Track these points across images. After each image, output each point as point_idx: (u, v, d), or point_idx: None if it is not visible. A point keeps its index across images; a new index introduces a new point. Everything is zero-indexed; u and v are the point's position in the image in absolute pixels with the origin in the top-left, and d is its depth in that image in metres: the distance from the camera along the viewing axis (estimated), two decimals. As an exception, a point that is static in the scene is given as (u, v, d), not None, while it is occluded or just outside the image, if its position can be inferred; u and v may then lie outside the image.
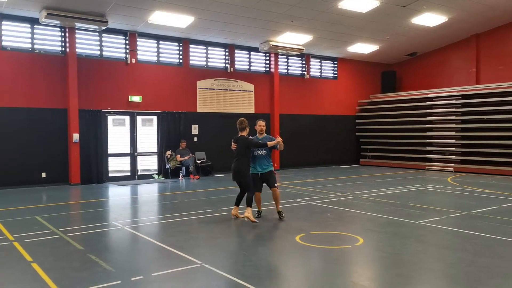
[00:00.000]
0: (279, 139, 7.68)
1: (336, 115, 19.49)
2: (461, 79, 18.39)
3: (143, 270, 5.09)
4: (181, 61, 15.56)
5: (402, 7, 14.18)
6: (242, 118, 7.96)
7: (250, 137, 7.85)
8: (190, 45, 15.71)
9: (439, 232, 7.01)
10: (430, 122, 17.80)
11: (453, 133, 17.01)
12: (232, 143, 7.85)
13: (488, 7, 15.05)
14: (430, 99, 17.87)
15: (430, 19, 15.46)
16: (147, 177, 14.77)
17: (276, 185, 7.92)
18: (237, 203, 7.96)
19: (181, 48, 15.53)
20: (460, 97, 16.88)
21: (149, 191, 12.21)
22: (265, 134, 8.12)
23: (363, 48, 18.24)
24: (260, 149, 7.79)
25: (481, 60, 18.02)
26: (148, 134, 15.06)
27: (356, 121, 20.26)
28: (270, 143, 7.67)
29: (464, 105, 16.77)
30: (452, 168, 16.59)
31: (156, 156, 15.09)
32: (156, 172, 15.03)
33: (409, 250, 5.91)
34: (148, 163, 15.08)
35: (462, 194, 11.03)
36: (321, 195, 10.75)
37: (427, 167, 17.41)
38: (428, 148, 17.74)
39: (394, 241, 6.42)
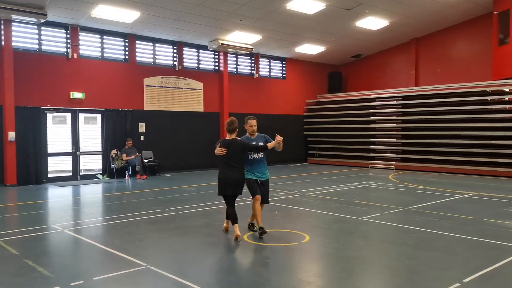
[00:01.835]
0: (279, 138, 6.55)
1: (284, 115, 19.74)
2: (402, 80, 19.27)
3: (83, 274, 4.86)
4: (127, 57, 15.09)
5: (347, 10, 14.61)
6: (233, 118, 6.61)
7: (239, 139, 6.59)
8: (137, 41, 15.28)
9: (381, 227, 7.28)
10: (373, 122, 18.50)
11: (394, 132, 17.78)
12: (218, 148, 6.38)
13: (427, 13, 15.86)
14: (373, 99, 18.56)
15: (373, 22, 16.05)
16: (90, 177, 14.19)
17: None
18: (236, 220, 6.46)
19: (127, 44, 15.07)
20: (401, 98, 17.67)
21: (93, 192, 11.74)
22: (257, 134, 6.86)
23: (311, 49, 18.61)
24: (257, 152, 6.61)
25: (420, 63, 18.98)
26: (92, 133, 14.46)
27: (304, 120, 20.64)
28: (270, 144, 6.54)
29: (404, 106, 17.57)
30: (393, 166, 17.33)
31: (101, 155, 14.54)
32: (101, 172, 14.48)
33: (353, 246, 6.08)
34: (92, 163, 14.48)
35: (402, 190, 11.55)
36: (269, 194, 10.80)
37: (370, 165, 18.07)
38: (371, 146, 18.41)
39: (339, 237, 6.58)
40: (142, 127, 15.34)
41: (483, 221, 7.51)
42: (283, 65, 20.02)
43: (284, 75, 20.08)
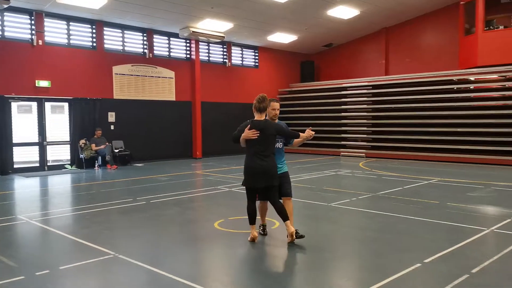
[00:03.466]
0: (312, 132, 5.65)
1: (257, 103, 19.72)
2: (372, 70, 19.57)
3: (49, 264, 4.79)
4: (94, 44, 14.73)
5: (319, -2, 14.68)
6: (264, 94, 5.54)
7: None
8: (105, 28, 14.92)
9: (349, 212, 7.45)
10: (345, 110, 18.76)
11: (365, 121, 18.10)
12: (248, 129, 5.28)
13: (396, 2, 16.11)
14: (345, 88, 18.80)
15: (344, 11, 16.19)
16: (58, 168, 13.87)
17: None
18: (254, 221, 5.55)
19: (94, 31, 14.69)
20: (371, 87, 17.97)
21: (61, 182, 11.51)
22: (277, 120, 5.74)
23: (283, 37, 18.63)
24: (279, 140, 5.66)
25: (390, 52, 19.32)
26: (59, 122, 14.10)
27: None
28: (304, 135, 5.62)
29: (374, 95, 17.88)
30: (364, 154, 17.66)
31: (69, 145, 14.22)
32: (69, 163, 14.18)
33: (322, 231, 6.21)
34: (60, 153, 14.15)
35: (371, 177, 11.81)
36: (241, 182, 10.85)
37: (342, 153, 18.35)
38: (342, 135, 18.69)
39: (308, 223, 6.69)
40: (112, 116, 15.07)
41: (446, 205, 7.78)
42: (256, 54, 19.98)
43: (257, 64, 20.06)
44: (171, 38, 16.80)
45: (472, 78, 15.70)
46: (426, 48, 18.29)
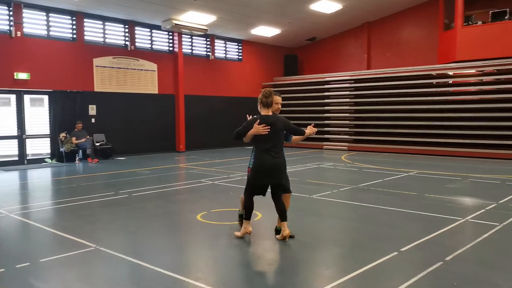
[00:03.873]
0: (314, 129, 5.75)
1: (241, 97, 19.73)
2: (355, 64, 19.75)
3: (30, 256, 4.77)
4: (74, 36, 14.50)
5: (301, -8, 14.73)
6: (270, 89, 5.37)
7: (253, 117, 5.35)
8: (85, 20, 14.69)
9: (330, 204, 7.57)
10: (327, 104, 18.92)
11: (347, 114, 18.30)
12: (258, 124, 5.08)
13: (378, -3, 16.28)
14: (327, 82, 18.95)
15: (326, 6, 16.28)
16: (38, 162, 13.68)
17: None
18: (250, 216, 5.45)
19: (74, 22, 14.46)
20: (353, 81, 18.15)
21: (41, 176, 11.37)
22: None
23: (266, 31, 18.65)
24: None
25: (372, 47, 19.52)
26: (39, 115, 13.90)
27: (260, 102, 20.76)
28: (307, 132, 5.71)
29: (356, 89, 18.07)
30: (346, 147, 17.88)
31: (49, 138, 14.03)
32: (49, 156, 13.99)
33: (303, 222, 6.31)
34: (40, 147, 13.94)
35: (353, 170, 11.99)
36: (225, 175, 10.92)
37: (324, 146, 18.53)
38: (325, 128, 18.85)
39: (290, 214, 6.74)
40: (93, 109, 14.90)
41: (424, 196, 7.98)
42: (239, 47, 19.95)
43: (241, 57, 20.04)
44: (153, 31, 16.65)
45: (450, 72, 16.00)
46: (406, 42, 18.54)
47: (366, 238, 5.49)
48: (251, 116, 5.35)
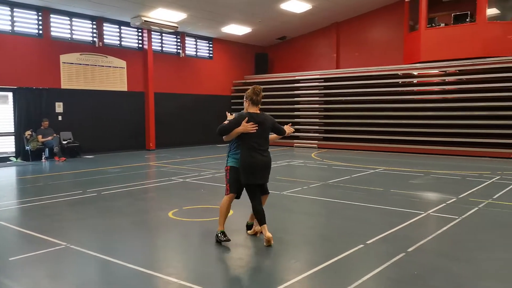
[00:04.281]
0: (291, 129, 5.67)
1: (212, 95, 19.75)
2: (324, 63, 20.11)
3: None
4: (40, 32, 14.15)
5: (272, -8, 14.89)
6: (260, 86, 5.20)
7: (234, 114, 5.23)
8: (52, 15, 14.35)
9: (300, 200, 7.76)
10: (297, 102, 19.19)
11: (317, 113, 18.62)
12: (246, 122, 4.94)
13: (346, -2, 16.64)
14: (297, 81, 19.21)
15: (296, 5, 16.51)
16: (2, 160, 13.28)
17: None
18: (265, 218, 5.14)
19: (40, 18, 14.10)
20: (323, 80, 18.48)
21: (5, 175, 11.05)
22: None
23: (237, 29, 18.72)
24: None
25: (341, 47, 19.92)
26: (3, 112, 13.50)
27: (232, 101, 20.82)
28: (287, 132, 5.52)
29: (326, 87, 18.41)
30: (316, 145, 18.20)
31: (13, 137, 13.64)
32: (14, 155, 13.61)
33: (274, 217, 6.42)
34: (3, 145, 13.54)
35: (322, 167, 12.26)
36: (196, 172, 10.95)
37: (295, 144, 18.80)
38: (296, 126, 19.03)
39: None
40: (59, 107, 14.57)
41: (389, 192, 8.28)
42: (210, 45, 19.94)
43: (211, 55, 20.03)
44: (122, 27, 16.43)
45: (415, 72, 16.54)
46: (374, 43, 19.03)
47: (334, 232, 5.69)
48: (232, 114, 5.25)
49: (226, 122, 5.04)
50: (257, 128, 4.97)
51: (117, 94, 16.17)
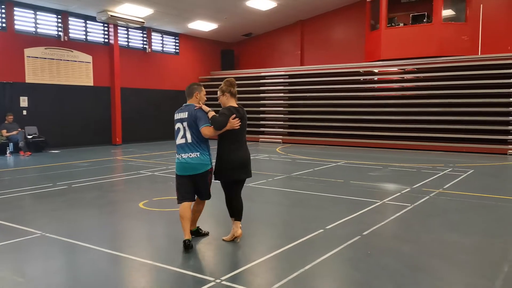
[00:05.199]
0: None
1: (178, 90, 19.81)
2: (289, 60, 20.63)
3: (-26, 245, 4.86)
4: (4, 25, 13.90)
5: (238, -11, 15.19)
6: (232, 78, 5.16)
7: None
8: (15, 8, 14.12)
9: (265, 191, 8.16)
10: (263, 98, 19.61)
11: (282, 108, 19.11)
12: (233, 117, 4.81)
13: (310, -3, 17.16)
14: (263, 77, 19.63)
15: (262, 3, 16.91)
16: (-36, 155, 13.04)
17: None
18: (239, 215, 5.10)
19: (3, 11, 13.85)
20: (288, 77, 18.98)
21: (-31, 170, 10.91)
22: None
23: (203, 25, 18.91)
24: None
25: (305, 44, 20.50)
26: (-35, 107, 13.23)
27: (198, 96, 20.99)
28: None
29: (290, 84, 18.92)
30: (280, 140, 18.70)
31: (-24, 131, 13.40)
32: (-23, 150, 13.37)
33: (240, 207, 6.81)
34: (-34, 139, 13.29)
35: (286, 161, 12.73)
36: (164, 166, 11.16)
37: (260, 139, 19.22)
38: (261, 122, 19.54)
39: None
40: (24, 101, 14.38)
41: (349, 183, 8.83)
42: (176, 41, 20.03)
43: (178, 51, 20.13)
44: (88, 22, 16.31)
45: (376, 70, 17.31)
46: (337, 40, 19.71)
47: (295, 219, 6.13)
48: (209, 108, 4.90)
49: (211, 115, 4.76)
50: (240, 123, 4.83)
51: (83, 89, 16.07)
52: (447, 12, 17.14)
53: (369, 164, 11.71)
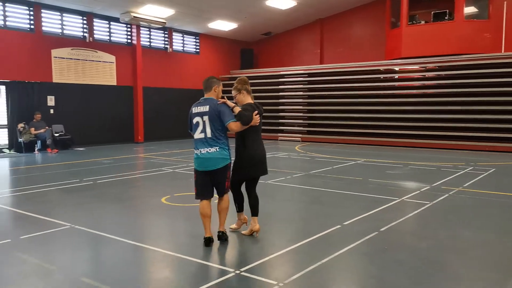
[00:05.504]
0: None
1: (199, 89, 19.99)
2: (308, 58, 20.68)
3: (9, 234, 5.16)
4: (32, 27, 14.40)
5: (258, -11, 15.34)
6: (244, 77, 5.29)
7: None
8: (42, 10, 14.61)
9: (284, 188, 8.30)
10: (282, 97, 19.73)
11: (301, 107, 19.19)
12: (255, 113, 4.92)
13: (329, -4, 17.18)
14: (282, 76, 19.74)
15: (281, 2, 17.01)
16: (-5, 152, 13.60)
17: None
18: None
19: (32, 13, 14.34)
20: (307, 75, 19.04)
21: (0, 166, 11.38)
22: None
23: (223, 25, 19.13)
24: None
25: (325, 42, 20.50)
26: (-5, 106, 13.80)
27: (218, 95, 21.23)
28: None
29: (310, 82, 18.98)
30: (300, 138, 18.78)
31: (6, 129, 13.93)
32: (7, 147, 13.89)
33: (260, 204, 6.96)
34: (-3, 137, 13.86)
35: (305, 159, 12.83)
36: (184, 163, 11.41)
37: (279, 137, 19.35)
38: (280, 120, 19.66)
39: (247, 198, 7.43)
40: (51, 100, 14.88)
41: (367, 181, 8.88)
42: (197, 40, 20.32)
43: (198, 50, 20.42)
44: (111, 23, 16.73)
45: (396, 68, 17.21)
46: (357, 39, 19.65)
47: (313, 215, 6.25)
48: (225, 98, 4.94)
49: (237, 110, 4.80)
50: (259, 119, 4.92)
51: (106, 88, 16.50)
52: (469, 9, 16.91)
53: (388, 163, 11.71)
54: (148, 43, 18.20)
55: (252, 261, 4.39)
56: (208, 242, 4.79)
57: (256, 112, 4.90)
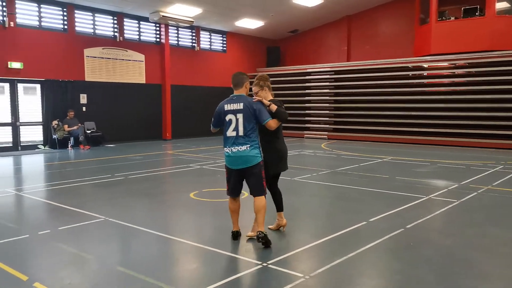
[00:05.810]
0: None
1: (225, 87, 20.32)
2: (335, 56, 20.58)
3: (48, 225, 5.46)
4: (66, 27, 14.92)
5: (285, -13, 15.39)
6: (264, 74, 5.33)
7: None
8: (76, 11, 15.11)
9: (310, 185, 8.38)
10: (308, 94, 19.73)
11: (327, 104, 19.14)
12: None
13: (357, -7, 17.04)
14: (308, 73, 19.74)
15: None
16: (31, 148, 14.16)
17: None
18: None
19: (65, 14, 14.86)
20: (333, 73, 18.98)
21: (36, 161, 11.90)
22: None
23: (250, 23, 19.27)
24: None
25: (351, 40, 20.35)
26: (32, 103, 14.35)
27: (244, 93, 21.41)
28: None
29: (336, 80, 18.90)
30: (326, 136, 18.75)
31: (41, 126, 14.50)
32: (42, 143, 14.48)
33: (285, 199, 7.05)
34: (33, 134, 14.41)
35: (331, 156, 12.85)
36: (212, 160, 11.63)
37: (305, 135, 19.37)
38: (306, 118, 19.68)
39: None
40: (83, 98, 15.39)
41: (394, 179, 8.86)
42: (224, 39, 20.54)
43: (225, 49, 20.63)
44: (141, 22, 17.12)
45: (425, 65, 16.94)
46: (384, 36, 19.42)
47: (339, 211, 6.32)
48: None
49: (274, 108, 4.78)
50: None
51: (136, 87, 16.92)
52: (501, 5, 16.47)
53: (416, 161, 11.60)
54: (176, 42, 18.53)
55: (279, 254, 4.51)
56: (235, 236, 4.95)
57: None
